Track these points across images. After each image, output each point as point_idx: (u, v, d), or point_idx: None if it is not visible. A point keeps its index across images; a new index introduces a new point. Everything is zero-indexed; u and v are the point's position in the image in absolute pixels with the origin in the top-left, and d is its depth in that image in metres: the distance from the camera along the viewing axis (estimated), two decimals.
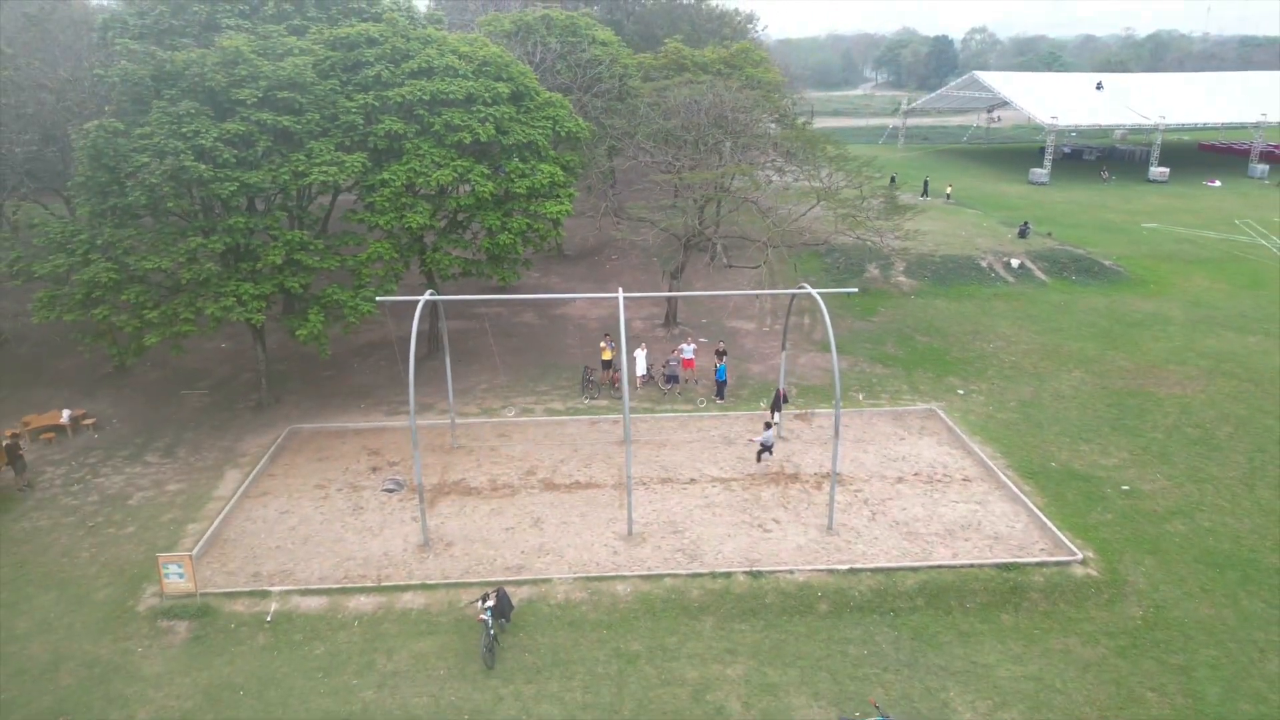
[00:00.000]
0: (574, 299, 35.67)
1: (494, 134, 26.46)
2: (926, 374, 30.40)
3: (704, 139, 32.71)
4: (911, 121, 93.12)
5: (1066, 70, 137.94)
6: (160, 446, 25.34)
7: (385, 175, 25.30)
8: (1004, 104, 79.61)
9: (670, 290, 33.31)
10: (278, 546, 20.09)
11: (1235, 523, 21.19)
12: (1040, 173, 66.86)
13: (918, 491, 22.39)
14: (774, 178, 36.50)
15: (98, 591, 18.71)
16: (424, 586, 18.52)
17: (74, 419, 25.88)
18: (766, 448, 23.47)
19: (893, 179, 62.57)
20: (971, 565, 19.09)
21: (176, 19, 27.93)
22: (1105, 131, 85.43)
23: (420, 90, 25.64)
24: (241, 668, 16.43)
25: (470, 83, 26.46)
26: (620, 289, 21.86)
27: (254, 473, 23.29)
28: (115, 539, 20.65)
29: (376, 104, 25.62)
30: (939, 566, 19.05)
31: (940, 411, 27.08)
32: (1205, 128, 75.00)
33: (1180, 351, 32.29)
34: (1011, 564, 19.15)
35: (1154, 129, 68.64)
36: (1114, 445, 25.11)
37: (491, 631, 16.59)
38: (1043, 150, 68.66)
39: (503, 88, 27.23)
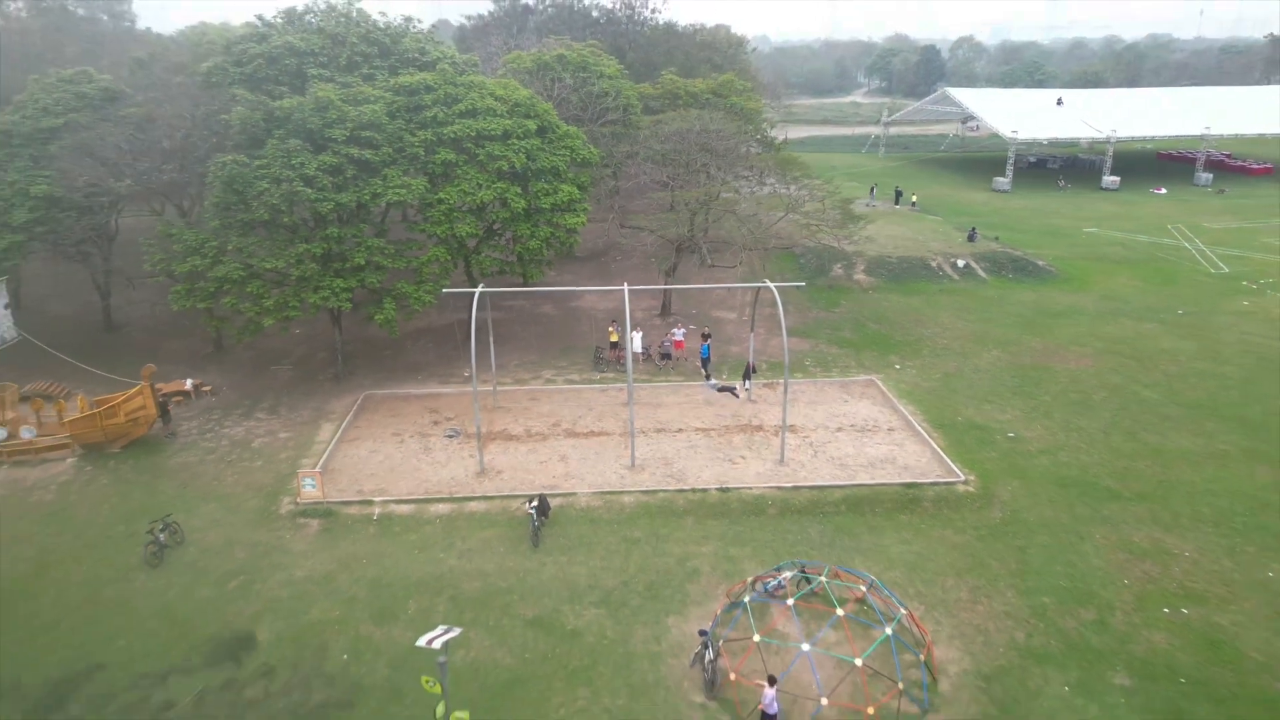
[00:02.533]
0: (588, 291, 42.71)
1: (525, 162, 33.48)
2: (873, 353, 37.41)
3: (692, 162, 39.70)
4: (895, 130, 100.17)
5: (1047, 79, 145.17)
6: (265, 407, 32.40)
7: (441, 195, 32.31)
8: (973, 117, 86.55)
9: (665, 285, 40.31)
10: (372, 474, 27.12)
11: (1087, 458, 28.19)
12: (1002, 181, 73.86)
13: (851, 437, 29.39)
14: (755, 189, 43.54)
15: (246, 502, 25.75)
16: (484, 498, 25.56)
17: (195, 386, 32.89)
18: (730, 389, 30.49)
19: (873, 189, 69.78)
20: (883, 484, 26.10)
21: (271, 69, 35.01)
22: (1073, 143, 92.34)
23: (467, 128, 32.67)
24: (361, 547, 23.44)
25: (506, 121, 33.50)
26: (625, 283, 28.88)
27: (343, 425, 30.33)
28: (249, 469, 27.71)
29: (433, 139, 32.61)
30: (859, 485, 26.07)
31: (878, 381, 34.10)
32: (1153, 140, 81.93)
33: (1084, 336, 39.27)
34: (912, 484, 26.16)
35: (1106, 141, 75.55)
36: (1011, 405, 32.12)
37: (536, 524, 23.59)
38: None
39: (531, 124, 34.27)
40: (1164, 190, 73.89)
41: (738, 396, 31.25)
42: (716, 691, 18.17)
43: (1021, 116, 77.25)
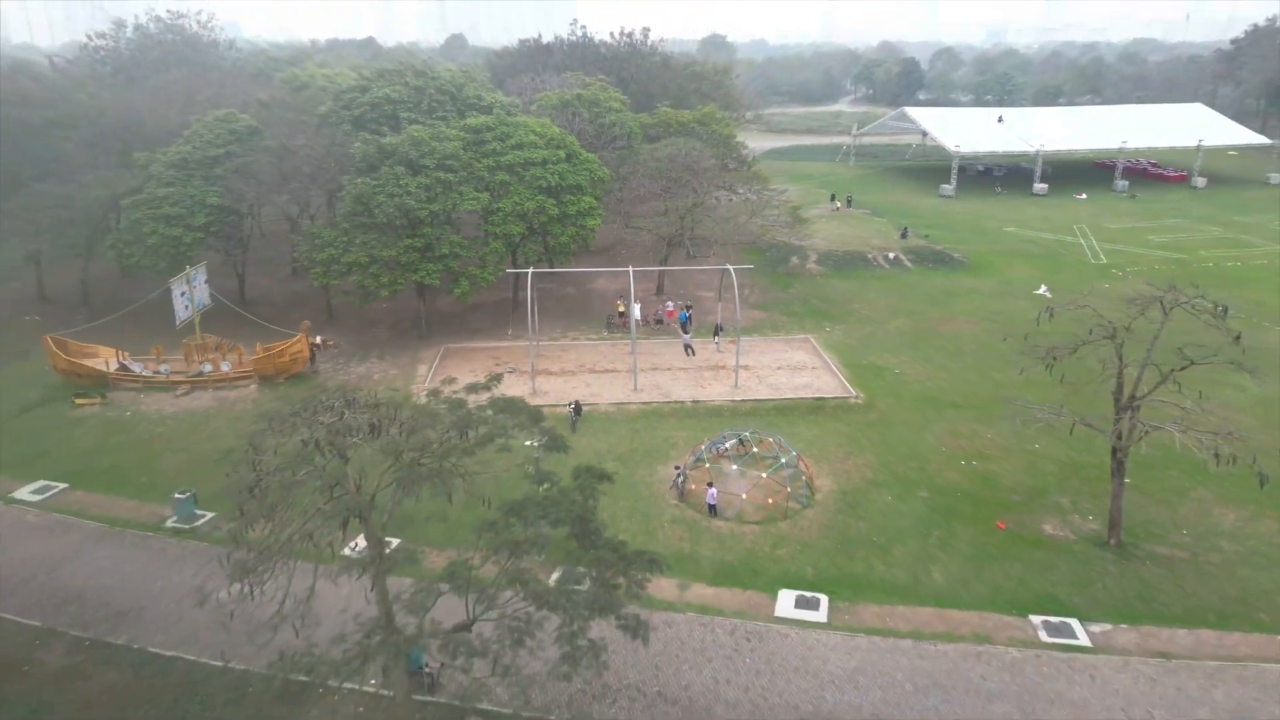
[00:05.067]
0: (601, 274, 56.02)
1: (558, 180, 46.64)
2: (812, 321, 50.62)
3: (680, 178, 52.95)
4: (866, 140, 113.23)
5: (1016, 89, 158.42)
6: (374, 355, 45.63)
7: (499, 205, 45.47)
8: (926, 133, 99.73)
9: (659, 269, 53.52)
10: None
11: (946, 386, 41.36)
12: (948, 188, 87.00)
13: (786, 373, 42.61)
14: (732, 197, 56.78)
15: None
16: (537, 406, 38.66)
17: (323, 341, 46.04)
18: (689, 346, 43.86)
19: (832, 196, 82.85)
20: (802, 398, 39.33)
21: (373, 113, 48.23)
22: (1021, 154, 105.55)
23: (517, 157, 45.83)
24: None
25: (544, 151, 46.70)
26: (630, 267, 42.06)
27: (434, 366, 43.52)
28: (376, 391, 40.81)
29: (493, 164, 45.76)
30: (786, 399, 39.31)
31: (812, 339, 47.33)
32: (1076, 153, 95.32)
33: (973, 309, 52.44)
34: (820, 398, 39.38)
35: (1035, 155, 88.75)
36: (903, 355, 45.29)
37: (573, 419, 36.81)
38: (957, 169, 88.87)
39: (561, 153, 47.45)
40: (1085, 196, 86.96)
41: (692, 354, 44.47)
42: (685, 498, 31.39)
43: (967, 132, 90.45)
